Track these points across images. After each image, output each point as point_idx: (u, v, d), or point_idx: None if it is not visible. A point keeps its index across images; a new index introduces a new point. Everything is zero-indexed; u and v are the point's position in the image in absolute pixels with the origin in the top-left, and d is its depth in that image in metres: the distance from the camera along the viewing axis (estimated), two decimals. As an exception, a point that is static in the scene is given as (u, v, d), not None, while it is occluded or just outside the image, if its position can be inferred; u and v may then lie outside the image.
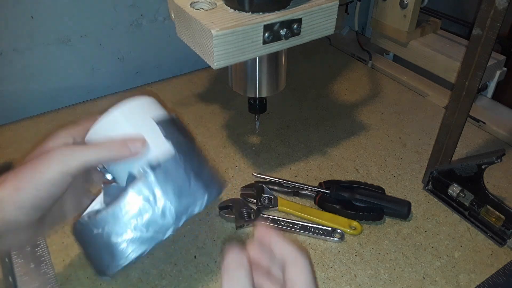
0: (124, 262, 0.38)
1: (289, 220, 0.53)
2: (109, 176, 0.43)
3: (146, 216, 0.38)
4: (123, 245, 0.38)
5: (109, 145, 0.38)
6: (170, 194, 0.39)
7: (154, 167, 0.39)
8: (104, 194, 0.40)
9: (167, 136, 0.40)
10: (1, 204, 0.35)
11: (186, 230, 0.52)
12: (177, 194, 0.39)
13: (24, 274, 0.46)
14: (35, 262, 0.48)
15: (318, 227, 0.52)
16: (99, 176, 0.45)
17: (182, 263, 0.49)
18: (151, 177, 0.39)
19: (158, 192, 0.39)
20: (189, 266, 0.48)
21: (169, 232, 0.39)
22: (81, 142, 0.41)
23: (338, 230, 0.52)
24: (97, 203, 0.41)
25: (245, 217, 0.51)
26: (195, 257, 0.49)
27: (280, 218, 0.53)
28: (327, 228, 0.52)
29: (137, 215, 0.38)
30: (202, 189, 0.41)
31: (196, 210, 0.42)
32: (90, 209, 0.41)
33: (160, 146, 0.40)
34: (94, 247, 0.39)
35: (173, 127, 0.42)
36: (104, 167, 0.43)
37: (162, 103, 0.44)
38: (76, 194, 0.43)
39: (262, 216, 0.52)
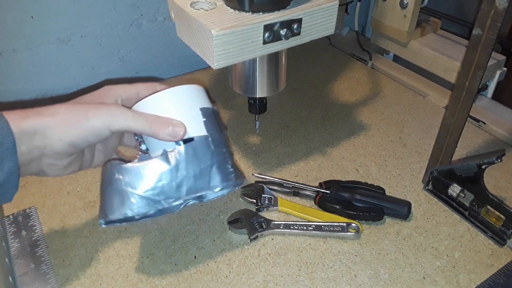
0: (128, 213, 0.42)
1: (302, 223, 0.52)
2: (143, 147, 0.46)
3: (162, 183, 0.42)
4: (133, 199, 0.42)
5: (154, 121, 0.42)
6: (190, 172, 0.43)
7: (186, 140, 0.43)
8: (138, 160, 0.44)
9: (206, 122, 0.44)
10: (48, 130, 0.39)
11: (186, 230, 0.52)
12: (197, 175, 0.43)
13: (24, 274, 0.46)
14: (35, 262, 0.48)
15: (332, 224, 0.52)
16: (132, 141, 0.50)
17: (182, 263, 0.49)
18: (182, 148, 0.42)
19: (182, 166, 0.42)
20: (189, 266, 0.48)
21: (175, 205, 0.43)
22: (128, 102, 0.45)
23: (353, 224, 0.52)
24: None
25: (257, 228, 0.51)
26: (195, 257, 0.49)
27: (292, 222, 0.52)
28: (341, 224, 0.52)
29: (156, 180, 0.42)
30: (219, 181, 0.45)
31: (206, 198, 0.49)
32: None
33: (197, 131, 0.43)
34: (110, 189, 0.43)
35: (212, 117, 0.46)
36: (141, 137, 0.46)
37: (208, 94, 0.48)
38: (107, 149, 0.48)
39: (274, 223, 0.52)
